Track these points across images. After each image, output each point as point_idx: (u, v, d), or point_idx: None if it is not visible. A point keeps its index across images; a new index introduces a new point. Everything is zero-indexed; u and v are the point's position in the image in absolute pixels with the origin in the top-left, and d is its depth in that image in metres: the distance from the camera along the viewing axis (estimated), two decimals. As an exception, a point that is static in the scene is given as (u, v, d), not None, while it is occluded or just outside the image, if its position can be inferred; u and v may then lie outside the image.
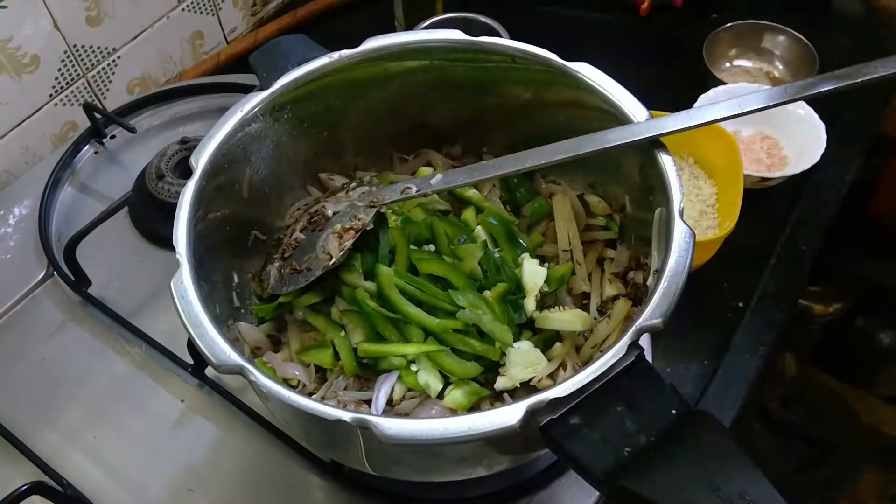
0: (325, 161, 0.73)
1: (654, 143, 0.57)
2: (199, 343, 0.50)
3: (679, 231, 0.51)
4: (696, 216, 0.86)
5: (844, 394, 1.57)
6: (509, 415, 0.44)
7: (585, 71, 0.61)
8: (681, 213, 0.52)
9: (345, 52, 0.65)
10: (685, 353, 0.82)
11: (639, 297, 0.63)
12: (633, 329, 0.46)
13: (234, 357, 0.49)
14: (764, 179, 0.90)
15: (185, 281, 0.53)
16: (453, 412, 0.60)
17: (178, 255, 0.54)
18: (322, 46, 0.68)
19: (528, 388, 0.61)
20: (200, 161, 0.59)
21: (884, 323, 1.60)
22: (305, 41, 0.69)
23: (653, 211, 0.58)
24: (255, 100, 0.63)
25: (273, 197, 0.71)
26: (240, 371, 0.49)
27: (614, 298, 0.66)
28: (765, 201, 0.93)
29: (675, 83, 1.04)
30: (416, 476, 0.61)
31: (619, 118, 0.59)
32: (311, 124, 0.69)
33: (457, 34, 0.66)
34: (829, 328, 1.59)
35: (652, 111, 0.60)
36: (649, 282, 0.56)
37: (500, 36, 0.91)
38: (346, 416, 0.46)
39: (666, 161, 0.56)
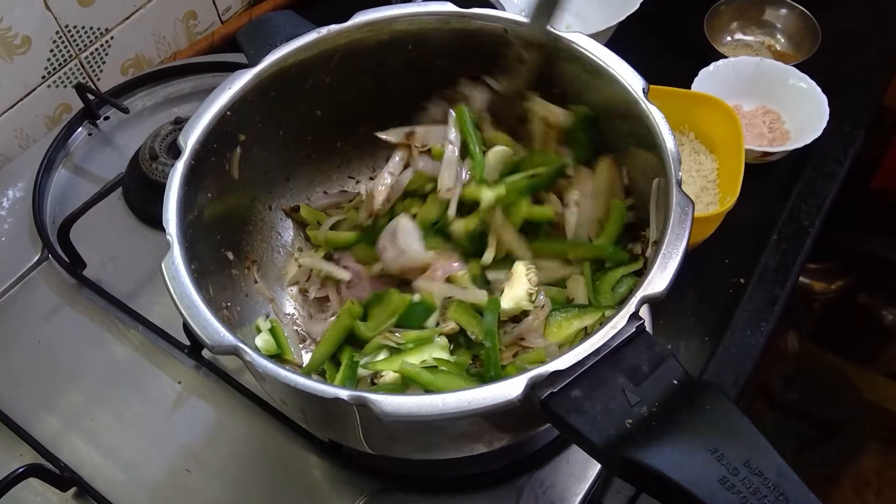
0: (315, 141, 0.72)
1: (654, 114, 0.56)
2: (192, 324, 0.49)
3: (677, 200, 0.50)
4: (696, 192, 0.85)
5: (847, 371, 1.57)
6: (510, 389, 0.44)
7: (580, 41, 0.60)
8: (679, 183, 0.51)
9: (334, 27, 0.64)
10: (685, 330, 0.81)
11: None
12: (633, 300, 0.46)
13: (228, 338, 0.48)
14: (766, 154, 0.89)
15: (176, 262, 0.52)
16: None
17: (168, 237, 0.53)
18: (310, 22, 0.66)
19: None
20: (189, 141, 0.58)
21: (887, 300, 1.59)
22: (294, 17, 0.68)
23: (650, 182, 0.57)
24: (243, 77, 0.62)
25: (264, 177, 0.70)
26: (234, 352, 0.48)
27: None
28: (766, 176, 0.92)
29: (675, 57, 1.03)
30: (416, 454, 0.60)
31: (614, 87, 0.58)
32: (301, 101, 0.68)
33: (447, 6, 0.65)
34: (831, 305, 1.59)
35: (651, 85, 0.59)
36: (648, 253, 0.55)
37: (495, 8, 0.89)
38: (343, 394, 0.45)
39: (663, 130, 0.54)
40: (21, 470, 0.63)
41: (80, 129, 0.96)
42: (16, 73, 0.94)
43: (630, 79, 0.58)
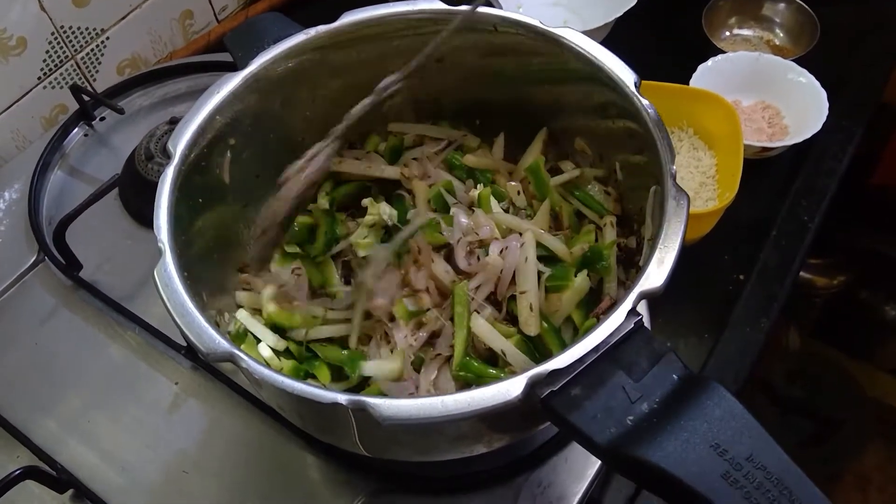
0: (309, 143, 0.71)
1: (646, 108, 0.55)
2: (186, 332, 0.49)
3: (672, 194, 0.50)
4: (695, 188, 0.84)
5: (848, 367, 1.56)
6: (510, 389, 0.43)
7: (569, 36, 0.60)
8: (673, 177, 0.51)
9: (322, 28, 0.63)
10: (684, 327, 0.81)
11: (632, 262, 0.62)
12: (631, 295, 0.45)
13: (223, 345, 0.48)
14: (765, 149, 0.89)
15: (169, 269, 0.51)
16: None
17: (160, 243, 0.53)
18: (298, 24, 0.66)
19: None
20: (178, 147, 0.58)
21: (888, 295, 1.59)
22: (281, 19, 0.67)
23: (643, 175, 0.56)
24: (231, 81, 0.61)
25: (255, 181, 0.69)
26: (230, 358, 0.47)
27: None
28: (766, 172, 0.91)
29: (673, 53, 1.03)
30: (414, 457, 0.60)
31: (605, 82, 0.58)
32: (291, 104, 0.67)
33: (436, 4, 0.64)
34: (832, 301, 1.59)
35: (647, 81, 0.59)
36: (644, 248, 0.54)
37: (491, 5, 0.89)
38: (342, 398, 0.44)
39: (656, 124, 0.54)
40: (18, 472, 0.63)
41: (75, 129, 0.95)
42: (11, 75, 0.94)
43: (622, 73, 0.57)
